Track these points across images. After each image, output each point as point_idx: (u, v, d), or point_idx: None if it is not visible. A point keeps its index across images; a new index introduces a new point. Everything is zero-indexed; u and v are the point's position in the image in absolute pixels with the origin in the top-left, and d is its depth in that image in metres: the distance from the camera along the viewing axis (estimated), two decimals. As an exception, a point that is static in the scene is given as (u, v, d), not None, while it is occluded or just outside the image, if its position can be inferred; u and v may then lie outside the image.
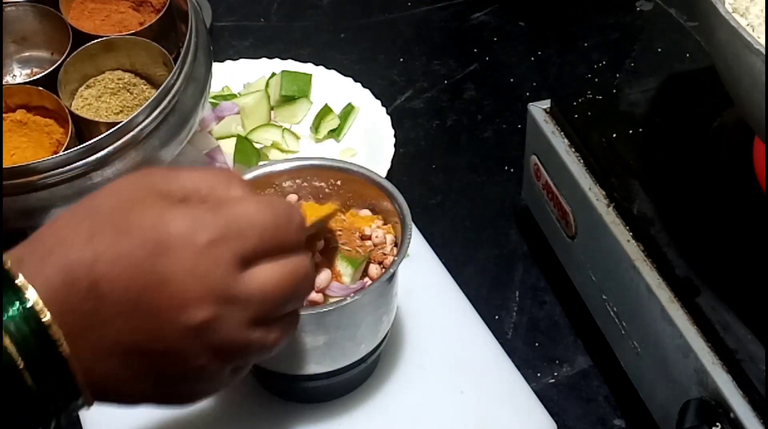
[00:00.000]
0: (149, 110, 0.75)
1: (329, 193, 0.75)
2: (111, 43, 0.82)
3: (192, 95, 0.79)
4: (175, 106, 0.77)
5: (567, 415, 0.75)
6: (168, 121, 0.76)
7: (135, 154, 0.74)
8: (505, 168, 0.95)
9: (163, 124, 0.76)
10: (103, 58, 0.82)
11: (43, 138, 0.78)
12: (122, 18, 0.86)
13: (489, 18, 1.13)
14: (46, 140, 0.78)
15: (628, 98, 0.80)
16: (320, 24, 1.13)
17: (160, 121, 0.75)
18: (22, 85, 0.80)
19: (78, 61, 0.81)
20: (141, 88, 0.83)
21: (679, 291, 0.67)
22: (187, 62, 0.78)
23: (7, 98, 0.78)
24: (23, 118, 0.78)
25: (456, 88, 1.05)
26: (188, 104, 0.78)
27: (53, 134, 0.78)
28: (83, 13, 0.85)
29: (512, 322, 0.82)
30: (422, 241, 0.85)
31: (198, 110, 0.80)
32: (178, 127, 0.77)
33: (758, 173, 0.72)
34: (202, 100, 0.80)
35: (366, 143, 0.93)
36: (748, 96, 0.62)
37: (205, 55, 0.81)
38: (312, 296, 0.67)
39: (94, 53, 0.82)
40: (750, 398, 0.61)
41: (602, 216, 0.73)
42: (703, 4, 0.62)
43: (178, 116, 0.77)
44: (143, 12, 0.86)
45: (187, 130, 0.79)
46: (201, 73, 0.80)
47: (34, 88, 0.79)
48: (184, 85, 0.77)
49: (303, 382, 0.71)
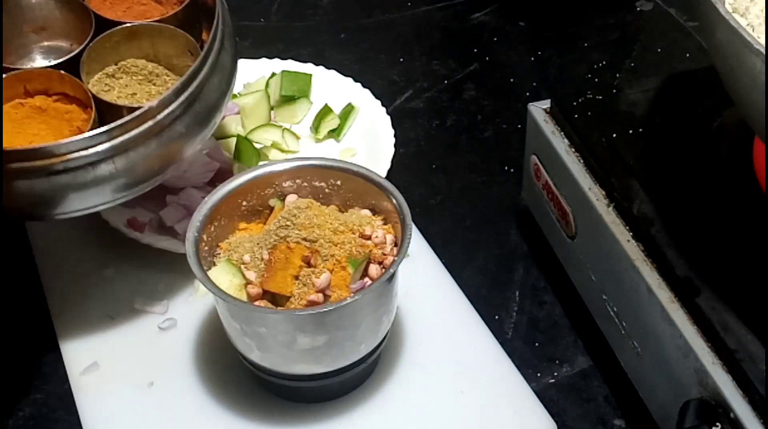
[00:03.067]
0: (173, 96, 0.72)
1: (329, 193, 0.75)
2: (135, 31, 0.79)
3: (218, 85, 0.76)
4: (200, 94, 0.74)
5: (567, 415, 0.75)
6: (193, 108, 0.73)
7: (157, 142, 0.72)
8: (505, 168, 0.95)
9: (187, 113, 0.73)
10: (126, 46, 0.79)
11: (63, 125, 0.75)
12: (144, 10, 0.83)
13: (489, 18, 1.13)
14: (66, 127, 0.75)
15: (628, 98, 0.80)
16: (320, 24, 1.13)
17: (184, 108, 0.72)
18: (42, 69, 0.76)
19: (100, 47, 0.78)
20: (164, 79, 0.80)
21: (679, 291, 0.67)
22: (213, 49, 0.75)
23: (27, 83, 0.75)
24: (43, 104, 0.75)
25: (456, 88, 1.05)
26: (213, 94, 0.75)
27: (74, 121, 0.75)
28: (104, 4, 0.82)
29: (512, 322, 0.82)
30: (422, 241, 0.85)
31: (223, 102, 0.77)
32: (203, 117, 0.75)
33: (758, 173, 0.72)
34: (228, 92, 0.78)
35: (366, 143, 0.93)
36: (748, 96, 0.62)
37: (231, 45, 0.78)
38: (312, 296, 0.67)
39: (117, 41, 0.79)
40: (750, 398, 0.61)
41: (602, 216, 0.73)
42: (703, 4, 0.62)
43: (203, 105, 0.74)
44: (165, 4, 0.83)
45: (212, 122, 0.76)
46: (227, 62, 0.77)
47: (55, 72, 0.75)
48: (210, 74, 0.74)
49: (303, 382, 0.71)
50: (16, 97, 0.75)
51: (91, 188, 0.70)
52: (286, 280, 0.68)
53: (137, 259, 0.83)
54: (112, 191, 0.72)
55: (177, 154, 0.74)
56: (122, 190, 0.72)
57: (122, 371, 0.75)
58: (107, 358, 0.76)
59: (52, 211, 0.71)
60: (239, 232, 0.74)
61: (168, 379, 0.75)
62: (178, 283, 0.81)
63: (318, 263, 0.68)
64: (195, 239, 0.70)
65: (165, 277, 0.82)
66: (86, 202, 0.71)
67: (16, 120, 0.75)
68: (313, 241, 0.69)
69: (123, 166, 0.71)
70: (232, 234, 0.74)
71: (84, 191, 0.70)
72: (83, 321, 0.79)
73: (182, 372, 0.75)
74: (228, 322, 0.69)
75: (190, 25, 0.81)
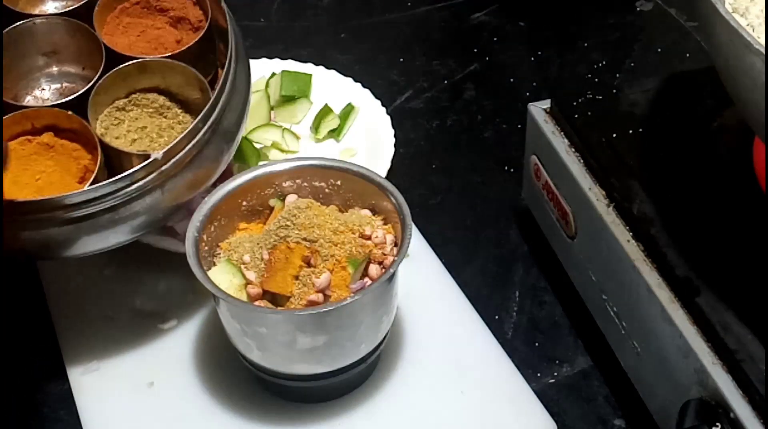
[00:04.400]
0: (186, 141, 0.71)
1: (329, 193, 0.75)
2: (145, 65, 0.77)
3: (233, 121, 0.75)
4: (214, 135, 0.73)
5: (567, 415, 0.75)
6: (203, 153, 0.73)
7: (167, 188, 0.71)
8: (505, 168, 0.95)
9: (197, 158, 0.73)
10: (136, 77, 0.78)
11: (71, 163, 0.74)
12: (159, 35, 0.81)
13: (489, 18, 1.13)
14: (73, 165, 0.74)
15: (628, 98, 0.80)
16: (320, 24, 1.13)
17: (194, 154, 0.72)
18: (50, 109, 0.75)
19: (110, 82, 0.77)
20: (175, 112, 0.78)
21: (679, 291, 0.67)
22: (225, 91, 0.74)
23: (34, 120, 0.74)
24: (50, 141, 0.74)
25: (456, 88, 1.05)
26: (230, 128, 0.75)
27: (81, 160, 0.74)
28: (118, 28, 0.81)
29: (512, 322, 0.82)
30: (422, 241, 0.85)
31: (238, 132, 0.76)
32: (217, 152, 0.74)
33: (758, 173, 0.72)
34: (243, 119, 0.77)
35: (366, 143, 0.93)
36: (748, 96, 0.62)
37: (244, 82, 0.78)
38: (312, 296, 0.67)
39: (128, 73, 0.77)
40: (750, 398, 0.61)
41: (602, 216, 0.73)
42: (703, 4, 0.62)
43: (217, 143, 0.74)
44: (181, 29, 0.81)
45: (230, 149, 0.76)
46: (239, 102, 0.77)
47: (62, 112, 0.74)
48: (221, 115, 0.74)
49: (303, 382, 0.71)
50: (24, 133, 0.74)
51: (98, 233, 0.70)
52: (286, 280, 0.68)
53: (137, 259, 0.83)
54: (127, 232, 0.72)
55: (184, 196, 0.73)
56: (138, 229, 0.72)
57: (122, 371, 0.75)
58: (107, 358, 0.76)
59: (62, 253, 0.71)
60: (239, 232, 0.74)
61: (168, 379, 0.75)
62: (178, 283, 0.81)
63: (318, 263, 0.68)
64: (195, 239, 0.70)
65: (165, 277, 0.82)
66: (99, 243, 0.72)
67: (23, 157, 0.74)
68: (313, 241, 0.69)
69: (131, 213, 0.71)
70: (232, 234, 0.74)
71: (90, 237, 0.71)
72: (83, 321, 0.79)
73: (182, 372, 0.75)
74: (228, 322, 0.69)
75: (204, 55, 0.80)
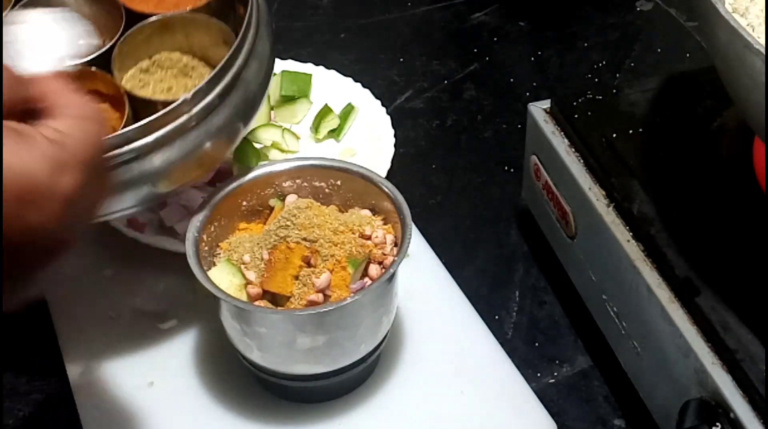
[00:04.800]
0: (209, 87, 0.68)
1: (329, 193, 0.75)
2: (167, 22, 0.75)
3: (256, 73, 0.72)
4: (238, 83, 0.70)
5: (567, 415, 0.75)
6: (230, 99, 0.69)
7: (194, 136, 0.68)
8: (505, 168, 0.95)
9: (224, 105, 0.69)
10: (159, 39, 0.75)
11: None
12: (178, 2, 0.78)
13: (489, 18, 1.13)
14: None
15: (628, 98, 0.80)
16: (320, 24, 1.13)
17: (220, 99, 0.69)
18: (73, 68, 0.72)
19: (132, 42, 0.74)
20: (200, 71, 0.76)
21: (679, 291, 0.67)
22: (249, 36, 0.71)
23: None
24: None
25: (456, 88, 1.05)
26: (252, 83, 0.71)
27: (108, 120, 0.71)
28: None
29: (512, 322, 0.82)
30: (422, 241, 0.85)
31: (264, 93, 0.73)
32: (241, 108, 0.71)
33: (758, 173, 0.72)
34: (267, 81, 0.74)
35: (366, 143, 0.93)
36: (748, 96, 0.62)
37: (268, 33, 0.74)
38: (312, 296, 0.67)
39: (149, 34, 0.75)
40: (750, 398, 0.61)
41: (602, 216, 0.73)
42: (703, 4, 0.62)
43: (240, 96, 0.70)
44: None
45: (252, 114, 0.72)
46: (265, 50, 0.73)
47: (87, 69, 0.72)
48: (246, 62, 0.71)
49: (303, 382, 0.71)
50: None
51: (130, 189, 0.67)
52: (286, 280, 0.68)
53: (137, 259, 0.83)
54: (151, 190, 0.68)
55: (215, 149, 0.70)
56: (163, 187, 0.69)
57: (122, 371, 0.75)
58: (107, 358, 0.76)
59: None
60: (239, 232, 0.74)
61: (168, 379, 0.75)
62: (178, 283, 0.81)
63: (318, 263, 0.68)
64: (195, 239, 0.70)
65: (165, 277, 0.82)
66: (125, 202, 0.68)
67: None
68: (313, 241, 0.69)
69: (161, 164, 0.67)
70: (232, 234, 0.74)
71: (123, 192, 0.67)
72: (83, 321, 0.79)
73: (182, 372, 0.75)
74: (228, 322, 0.69)
75: (224, 14, 0.77)
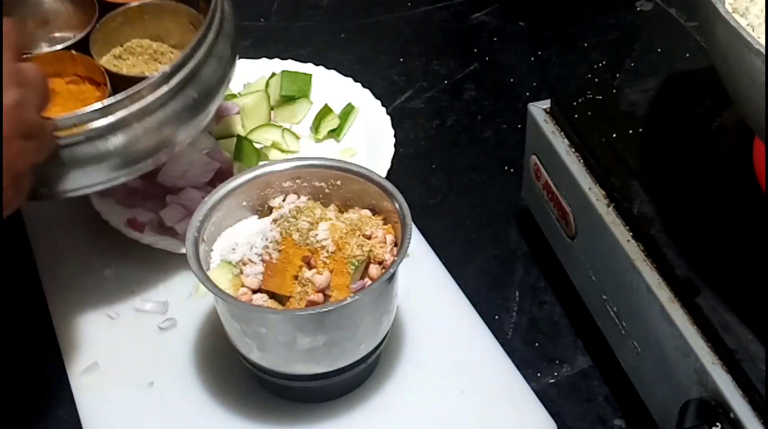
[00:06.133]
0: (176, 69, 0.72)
1: (329, 193, 0.75)
2: (137, 11, 0.80)
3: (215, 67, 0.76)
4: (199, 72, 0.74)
5: (567, 415, 0.75)
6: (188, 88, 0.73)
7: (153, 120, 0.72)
8: (505, 168, 0.95)
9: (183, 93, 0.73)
10: (130, 27, 0.81)
11: (78, 106, 0.74)
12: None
13: (489, 18, 1.13)
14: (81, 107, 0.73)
15: (628, 98, 0.80)
16: (320, 24, 1.13)
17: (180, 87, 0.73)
18: (53, 52, 0.78)
19: (104, 30, 0.79)
20: (169, 56, 0.81)
21: (679, 291, 0.67)
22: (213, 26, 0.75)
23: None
24: (56, 86, 0.76)
25: (456, 88, 1.05)
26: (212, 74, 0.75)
27: (88, 101, 0.75)
28: None
29: (512, 322, 0.82)
30: (422, 241, 0.85)
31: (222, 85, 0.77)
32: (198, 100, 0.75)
33: (758, 173, 0.72)
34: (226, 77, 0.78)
35: (366, 143, 0.93)
36: (748, 96, 0.62)
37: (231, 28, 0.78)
38: (312, 296, 0.67)
39: (121, 22, 0.80)
40: (750, 398, 0.61)
41: (602, 216, 0.73)
42: (703, 4, 0.62)
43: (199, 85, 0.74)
44: None
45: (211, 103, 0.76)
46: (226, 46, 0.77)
47: (66, 53, 0.77)
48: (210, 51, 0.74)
49: (303, 382, 0.71)
50: None
51: (90, 166, 0.71)
52: (286, 280, 0.68)
53: (137, 259, 0.83)
54: (108, 170, 0.71)
55: (175, 136, 0.74)
56: (119, 168, 0.72)
57: (122, 371, 0.75)
58: (107, 358, 0.76)
59: (51, 190, 0.71)
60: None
61: (168, 379, 0.75)
62: (178, 283, 0.81)
63: (318, 263, 0.68)
64: (195, 239, 0.70)
65: (165, 277, 0.82)
66: (83, 180, 0.71)
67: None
68: (313, 242, 0.69)
69: (119, 144, 0.71)
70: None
71: (84, 169, 0.71)
72: (83, 321, 0.79)
73: (182, 372, 0.75)
74: (228, 322, 0.69)
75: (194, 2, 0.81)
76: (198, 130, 0.76)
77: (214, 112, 0.78)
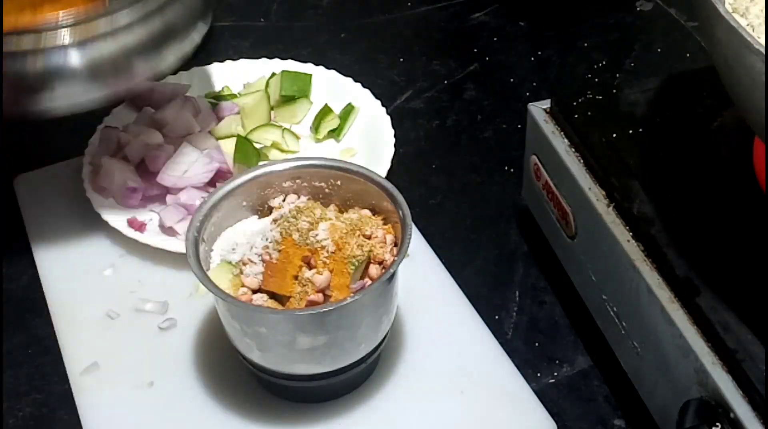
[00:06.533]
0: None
1: (329, 193, 0.75)
2: None
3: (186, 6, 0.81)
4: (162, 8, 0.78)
5: (567, 415, 0.75)
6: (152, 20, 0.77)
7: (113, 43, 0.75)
8: (505, 168, 0.95)
9: (142, 24, 0.77)
10: None
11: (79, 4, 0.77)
12: None
13: (489, 18, 1.13)
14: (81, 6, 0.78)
15: (628, 98, 0.80)
16: (320, 24, 1.13)
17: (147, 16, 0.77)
18: None
19: None
20: None
21: (679, 291, 0.67)
22: None
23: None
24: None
25: (456, 88, 1.05)
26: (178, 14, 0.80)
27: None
28: None
29: (512, 322, 0.82)
30: (422, 241, 0.85)
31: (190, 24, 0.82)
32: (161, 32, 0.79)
33: (758, 173, 0.72)
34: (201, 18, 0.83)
35: (366, 143, 0.93)
36: (748, 96, 0.62)
37: None
38: (312, 296, 0.67)
39: None
40: (750, 398, 0.61)
41: (602, 216, 0.73)
42: (703, 4, 0.62)
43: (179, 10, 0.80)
44: None
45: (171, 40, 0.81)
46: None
47: None
48: None
49: (303, 382, 0.71)
50: None
51: (74, 76, 0.74)
52: (286, 280, 0.68)
53: (137, 259, 0.83)
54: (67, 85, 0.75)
55: (133, 61, 0.77)
56: (80, 84, 0.75)
57: (122, 371, 0.75)
58: (107, 358, 0.76)
59: (39, 106, 0.75)
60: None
61: (168, 379, 0.75)
62: (178, 283, 0.81)
63: (318, 263, 0.68)
64: (195, 239, 0.70)
65: (165, 277, 0.82)
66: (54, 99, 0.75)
67: (35, 4, 0.77)
68: (313, 241, 0.69)
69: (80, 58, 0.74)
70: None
71: (69, 80, 0.74)
72: (83, 321, 0.79)
73: (182, 372, 0.75)
74: (228, 322, 0.69)
75: None
76: (158, 68, 0.79)
77: (177, 60, 0.80)
